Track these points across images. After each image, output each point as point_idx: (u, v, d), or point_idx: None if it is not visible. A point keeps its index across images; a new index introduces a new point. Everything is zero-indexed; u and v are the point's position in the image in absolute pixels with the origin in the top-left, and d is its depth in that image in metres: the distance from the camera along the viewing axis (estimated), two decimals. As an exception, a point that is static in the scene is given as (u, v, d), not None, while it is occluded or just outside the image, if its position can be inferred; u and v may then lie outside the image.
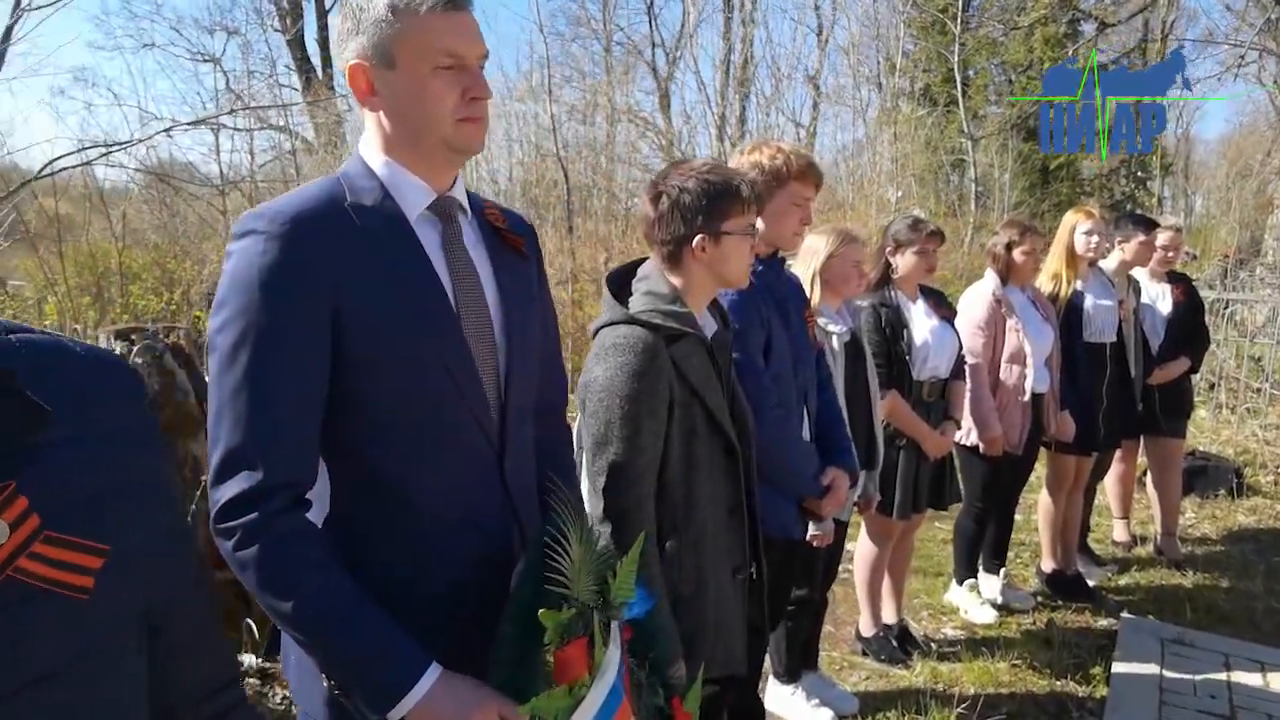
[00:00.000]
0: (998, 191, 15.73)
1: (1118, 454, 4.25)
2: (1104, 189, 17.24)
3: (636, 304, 1.68)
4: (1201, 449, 5.78)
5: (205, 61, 17.36)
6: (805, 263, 2.71)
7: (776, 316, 2.16)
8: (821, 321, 2.62)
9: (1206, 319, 4.59)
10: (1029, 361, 3.42)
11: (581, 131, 12.94)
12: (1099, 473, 4.23)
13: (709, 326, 1.80)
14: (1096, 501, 4.55)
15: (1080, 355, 3.73)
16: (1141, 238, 3.94)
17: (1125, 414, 3.92)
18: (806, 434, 2.24)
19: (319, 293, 1.08)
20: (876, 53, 17.70)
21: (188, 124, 6.38)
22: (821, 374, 2.37)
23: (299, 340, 1.08)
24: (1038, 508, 4.05)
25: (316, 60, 19.11)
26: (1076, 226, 3.71)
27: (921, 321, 3.11)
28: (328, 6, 19.95)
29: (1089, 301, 3.74)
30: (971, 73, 18.35)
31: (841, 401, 2.61)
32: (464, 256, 1.22)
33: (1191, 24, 19.07)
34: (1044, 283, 3.76)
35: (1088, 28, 17.75)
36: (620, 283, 1.74)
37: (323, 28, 19.93)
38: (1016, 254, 3.48)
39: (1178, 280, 4.30)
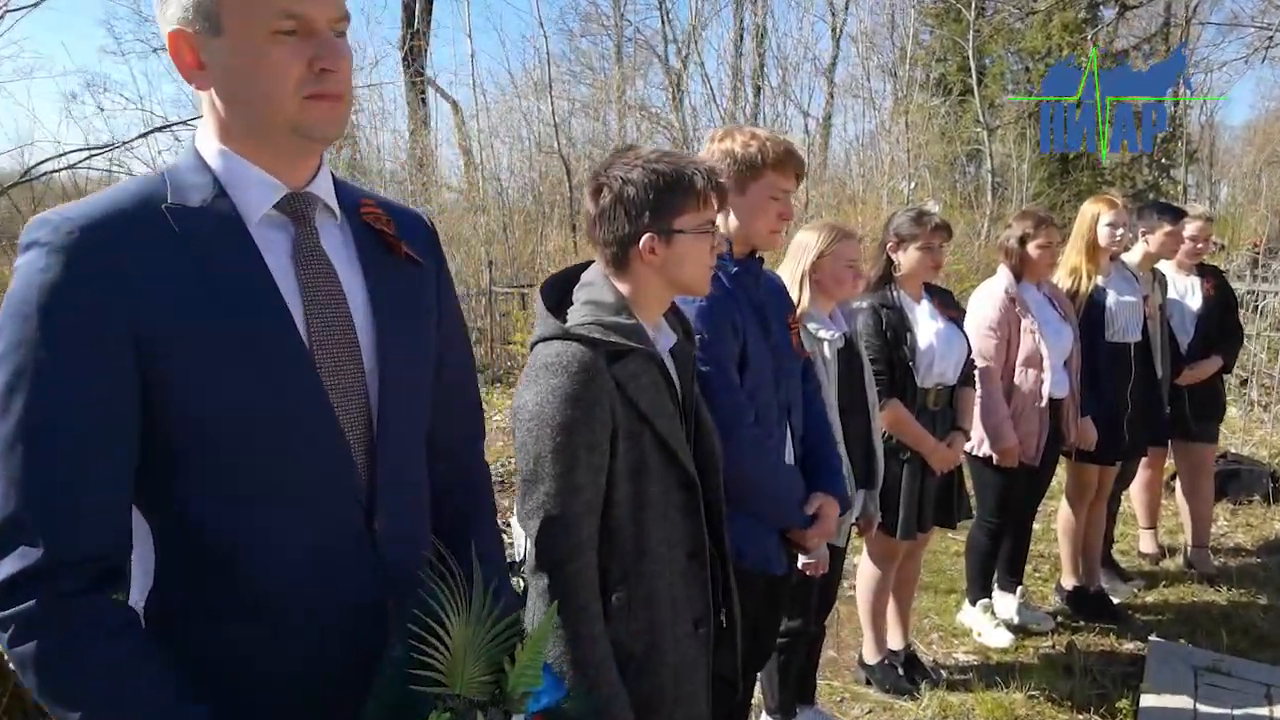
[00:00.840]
0: (1016, 182, 15.32)
1: (1144, 460, 3.96)
2: (1126, 178, 16.72)
3: (576, 315, 1.44)
4: (1234, 451, 5.45)
5: None
6: (794, 261, 2.46)
7: (754, 323, 1.91)
8: (811, 327, 2.37)
9: (1239, 313, 4.28)
10: (1045, 365, 3.14)
11: (591, 128, 12.75)
12: (1124, 481, 3.94)
13: (666, 338, 1.56)
14: (1121, 509, 4.26)
15: (1103, 357, 3.44)
16: (1168, 228, 3.64)
17: (1152, 420, 3.63)
18: (791, 455, 1.99)
19: (113, 318, 0.85)
20: (892, 41, 17.32)
21: (159, 128, 6.20)
22: (809, 386, 2.12)
23: (87, 378, 0.85)
24: (1057, 518, 3.77)
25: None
26: (1099, 217, 3.42)
27: (926, 323, 2.84)
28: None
29: (1111, 298, 3.45)
30: (988, 61, 17.94)
31: (834, 415, 2.35)
32: (322, 267, 0.98)
33: (1216, 7, 18.51)
34: (1062, 279, 3.48)
35: (1108, 12, 17.29)
36: (560, 290, 1.50)
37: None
38: (1031, 248, 3.20)
39: (1208, 273, 3.99)
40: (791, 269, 2.44)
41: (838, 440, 2.36)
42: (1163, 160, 16.59)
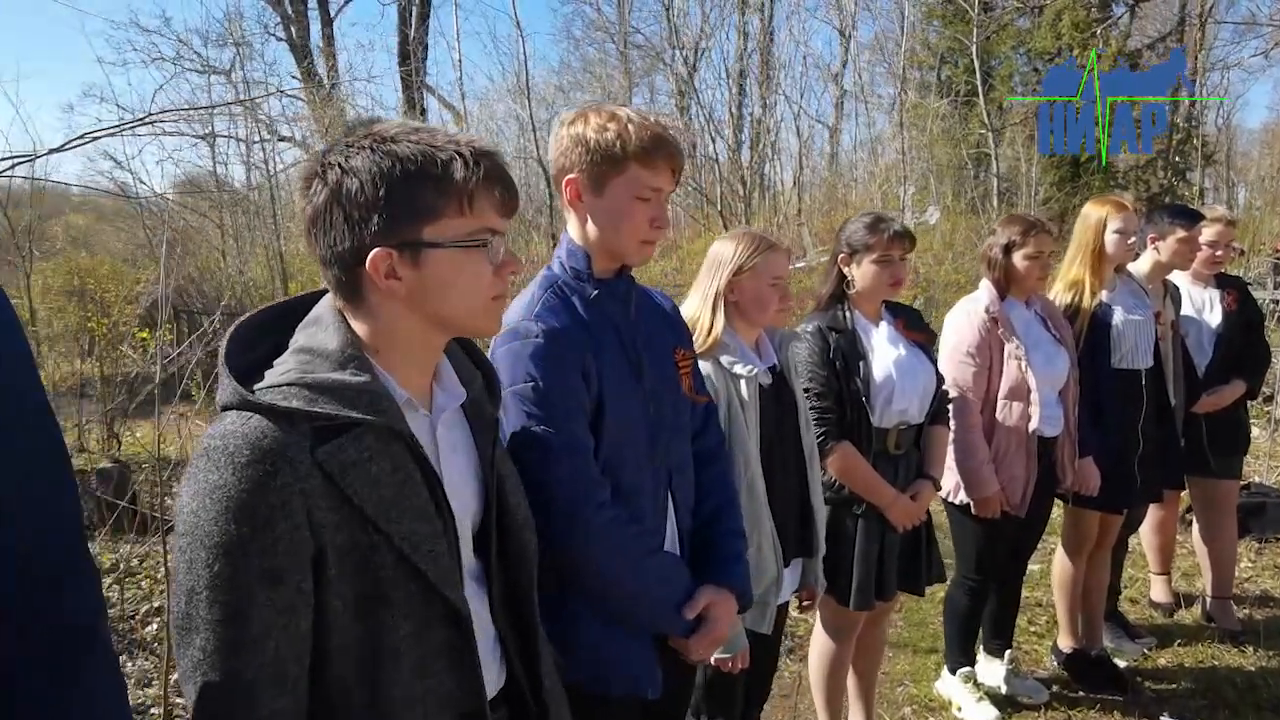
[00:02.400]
0: (1025, 186, 14.75)
1: (1155, 499, 3.44)
2: (1140, 181, 16.09)
3: (276, 372, 0.97)
4: (1258, 480, 4.91)
5: (214, 74, 16.99)
6: (706, 279, 1.98)
7: (619, 362, 1.44)
8: (725, 361, 1.89)
9: (1264, 329, 3.76)
10: (1033, 397, 2.64)
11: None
12: (1130, 526, 3.42)
13: (447, 398, 1.09)
14: (1131, 547, 3.75)
15: (1107, 386, 2.93)
16: (1182, 233, 3.13)
17: (1167, 458, 3.11)
18: (672, 536, 1.51)
19: None
20: (902, 45, 16.83)
21: (107, 130, 5.80)
22: (709, 441, 1.64)
23: None
24: (1052, 569, 3.26)
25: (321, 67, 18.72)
26: (1106, 222, 2.92)
27: (885, 350, 2.36)
28: (333, 15, 19.60)
29: (1118, 316, 2.95)
30: (995, 62, 17.41)
31: (755, 472, 1.87)
32: None
33: (1232, 7, 17.94)
34: (1059, 294, 2.98)
35: (1119, 10, 16.74)
36: (274, 333, 1.03)
37: (328, 37, 19.60)
38: (1018, 258, 2.70)
39: (1228, 284, 3.48)
40: (704, 288, 1.97)
41: (763, 506, 1.88)
42: (1178, 163, 15.96)
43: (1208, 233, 3.29)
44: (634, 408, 1.44)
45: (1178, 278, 3.39)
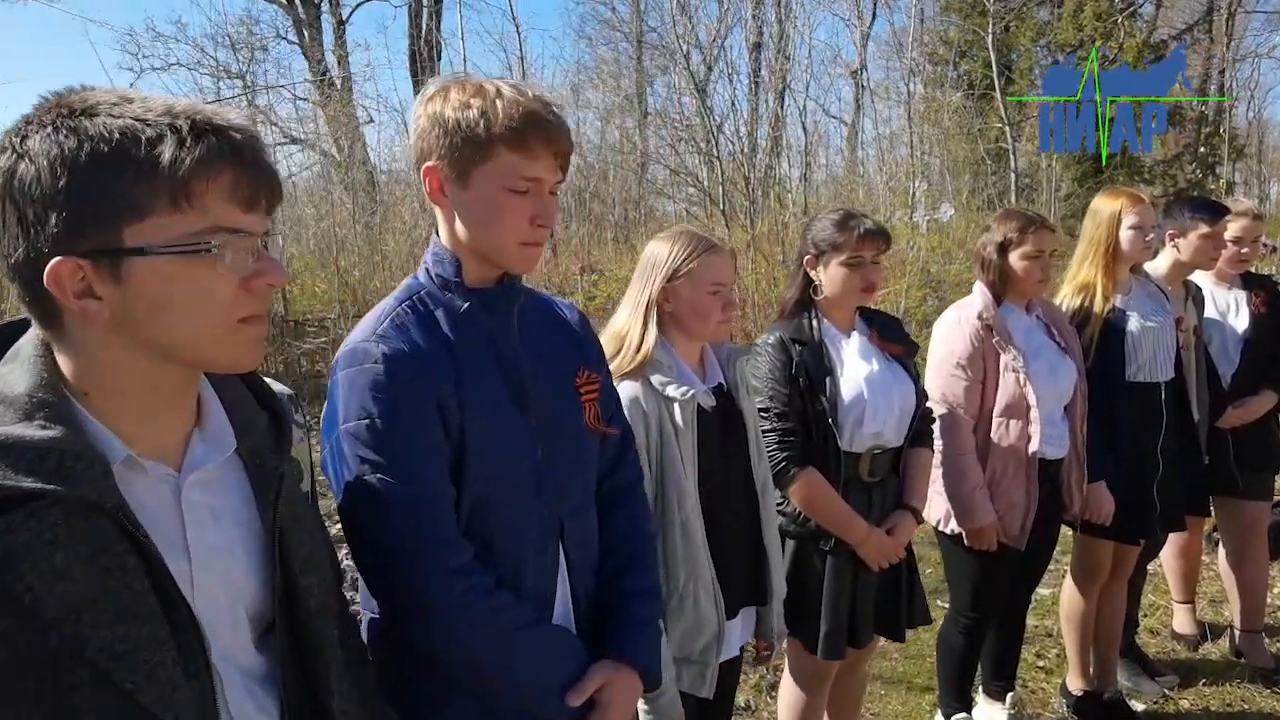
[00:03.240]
0: (1046, 183, 14.30)
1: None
2: (1167, 176, 15.54)
3: None
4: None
5: (227, 78, 16.95)
6: (637, 286, 1.72)
7: (495, 391, 1.17)
8: (656, 381, 1.62)
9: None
10: (1033, 414, 2.34)
11: (613, 135, 12.37)
12: (1151, 549, 3.10)
13: (214, 447, 0.83)
14: (1152, 570, 3.42)
15: (1121, 402, 2.61)
16: (1204, 229, 2.82)
17: (1189, 481, 2.79)
18: (565, 601, 1.24)
19: None
20: (910, 33, 16.42)
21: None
22: (621, 479, 1.37)
23: None
24: (1060, 600, 2.95)
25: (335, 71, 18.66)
26: (1121, 218, 2.62)
27: (855, 364, 2.07)
28: (345, 17, 19.56)
29: (1134, 323, 2.63)
30: (1015, 56, 16.97)
31: (685, 513, 1.60)
32: None
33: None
34: (1068, 298, 2.68)
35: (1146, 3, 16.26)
36: None
37: (340, 42, 19.55)
38: (1015, 258, 2.40)
39: (1256, 285, 3.15)
40: (634, 297, 1.70)
41: (700, 550, 1.61)
42: (1206, 155, 15.42)
43: (1232, 228, 2.96)
44: (514, 446, 1.18)
45: (1200, 278, 3.06)
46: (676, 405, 1.62)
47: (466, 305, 1.19)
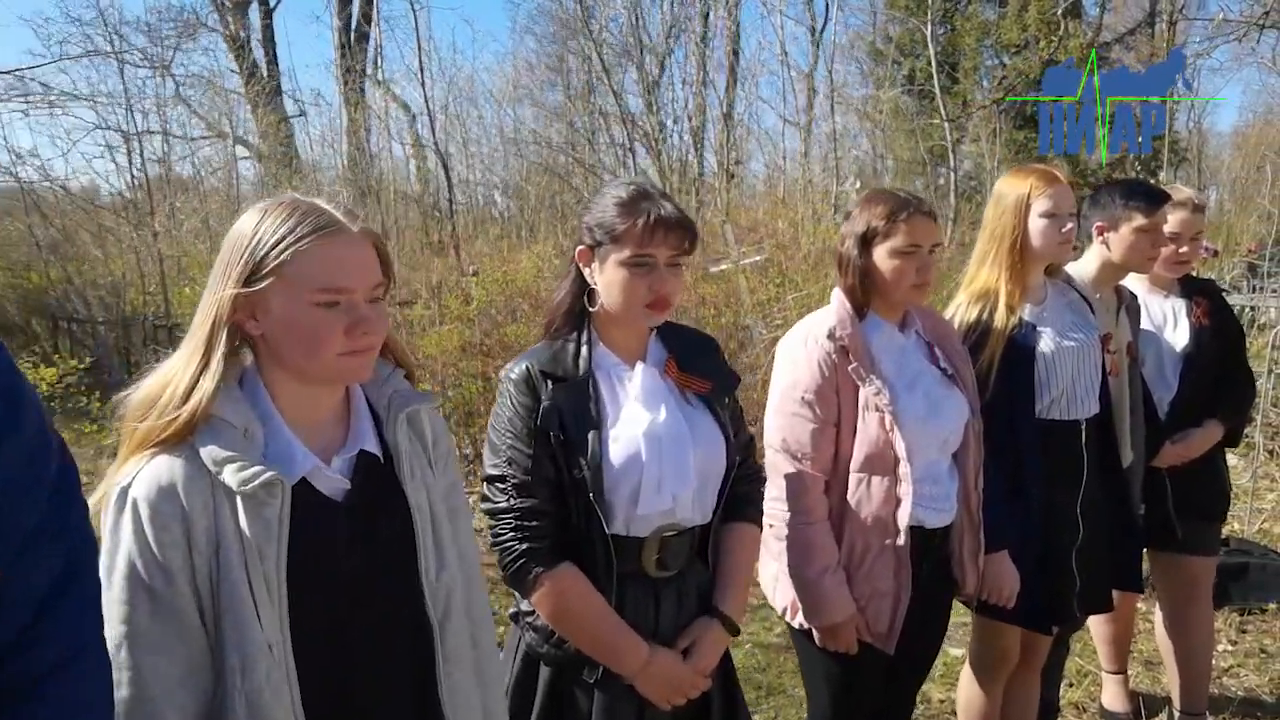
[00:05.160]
0: (990, 184, 13.98)
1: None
2: (1110, 180, 15.39)
3: None
4: (1236, 533, 4.03)
5: (155, 69, 15.85)
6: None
7: None
8: (209, 455, 0.93)
9: (1246, 349, 2.85)
10: (903, 469, 1.71)
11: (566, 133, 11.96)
12: (1070, 628, 2.50)
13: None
14: (1078, 639, 2.85)
15: (1029, 444, 1.99)
16: (1140, 220, 2.24)
17: (1119, 549, 2.18)
18: None
19: None
20: (873, 39, 16.09)
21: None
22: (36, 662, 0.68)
23: None
24: (958, 691, 2.33)
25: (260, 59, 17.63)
26: (1030, 203, 2.02)
27: (633, 413, 1.41)
28: (272, 5, 18.53)
29: (1047, 342, 2.03)
30: (961, 56, 16.70)
31: (247, 686, 0.91)
32: None
33: (1201, 7, 17.45)
34: (963, 308, 2.07)
35: (1088, 2, 16.13)
36: None
37: (267, 26, 18.52)
38: (882, 254, 1.77)
39: (1197, 291, 2.58)
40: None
41: None
42: (1150, 160, 15.26)
43: (1172, 219, 2.39)
44: None
45: (1132, 283, 2.48)
46: (240, 500, 0.93)
47: None
